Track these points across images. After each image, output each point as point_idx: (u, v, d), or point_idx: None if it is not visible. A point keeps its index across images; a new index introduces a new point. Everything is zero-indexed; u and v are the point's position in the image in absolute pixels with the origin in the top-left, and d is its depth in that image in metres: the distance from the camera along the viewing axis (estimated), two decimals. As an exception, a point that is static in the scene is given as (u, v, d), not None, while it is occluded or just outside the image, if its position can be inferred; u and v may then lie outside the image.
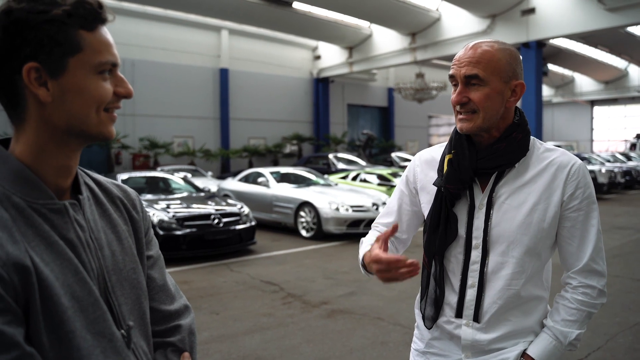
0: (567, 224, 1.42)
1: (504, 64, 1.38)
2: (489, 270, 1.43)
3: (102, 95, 0.92)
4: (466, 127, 1.40)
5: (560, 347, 1.40)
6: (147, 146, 19.55)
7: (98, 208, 1.03)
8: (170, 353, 1.10)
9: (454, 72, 1.40)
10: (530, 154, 1.45)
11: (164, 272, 1.18)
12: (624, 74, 33.36)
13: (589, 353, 4.06)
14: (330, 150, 23.42)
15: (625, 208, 13.91)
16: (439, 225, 1.47)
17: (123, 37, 18.77)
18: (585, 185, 1.42)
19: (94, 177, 1.09)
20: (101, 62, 0.91)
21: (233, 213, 8.28)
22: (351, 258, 7.88)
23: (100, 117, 0.93)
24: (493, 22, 17.98)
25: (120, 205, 1.10)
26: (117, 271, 1.00)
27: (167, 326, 1.12)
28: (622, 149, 33.23)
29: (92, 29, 0.91)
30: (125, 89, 0.96)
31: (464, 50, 1.41)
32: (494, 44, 1.40)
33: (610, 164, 20.38)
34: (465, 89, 1.38)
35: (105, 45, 0.93)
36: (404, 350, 4.16)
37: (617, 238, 9.14)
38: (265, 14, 18.92)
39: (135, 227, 1.11)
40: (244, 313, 5.18)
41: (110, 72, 0.94)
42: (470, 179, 1.43)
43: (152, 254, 1.16)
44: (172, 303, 1.15)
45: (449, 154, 1.47)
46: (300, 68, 25.39)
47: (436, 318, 1.50)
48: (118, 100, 0.96)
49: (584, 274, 1.42)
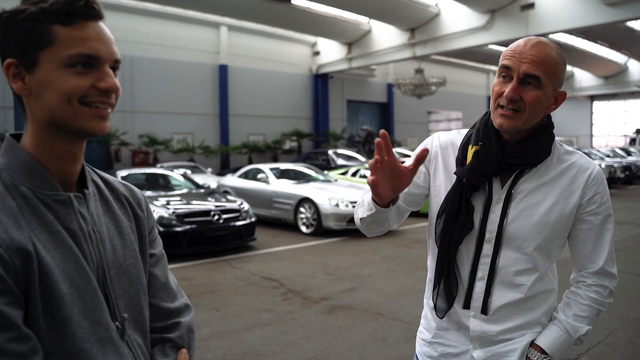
0: (584, 226, 1.44)
1: (560, 72, 1.36)
2: (499, 265, 1.43)
3: (69, 88, 0.92)
4: (507, 125, 1.37)
5: (569, 341, 1.42)
6: (146, 143, 19.56)
7: (103, 204, 1.07)
8: (168, 349, 1.11)
9: (513, 64, 1.33)
10: (552, 155, 1.45)
11: (167, 270, 1.20)
12: (624, 68, 33.33)
13: (589, 347, 4.07)
14: (329, 147, 23.39)
15: (625, 203, 13.92)
16: (459, 215, 1.44)
17: (122, 34, 18.74)
18: (604, 191, 1.44)
19: (102, 175, 1.13)
20: (70, 55, 0.92)
21: (233, 209, 8.28)
22: (351, 254, 7.89)
23: (76, 110, 0.93)
24: (492, 17, 17.95)
25: (126, 203, 1.13)
26: (116, 265, 1.03)
27: (167, 323, 1.14)
28: (621, 144, 33.23)
29: (67, 23, 0.92)
30: (106, 82, 0.94)
31: (524, 43, 1.34)
32: (555, 46, 1.36)
33: (610, 159, 20.42)
34: (519, 87, 1.34)
35: (81, 39, 0.92)
36: (404, 346, 4.17)
37: (617, 233, 9.14)
38: (264, 10, 18.87)
39: (139, 224, 1.14)
40: (244, 309, 5.19)
41: (89, 66, 0.93)
42: (493, 173, 1.42)
43: (156, 252, 1.19)
44: (173, 301, 1.17)
45: (476, 145, 1.44)
46: (299, 64, 25.35)
47: (449, 308, 1.50)
48: (101, 95, 0.94)
49: (598, 275, 1.45)
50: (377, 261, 7.34)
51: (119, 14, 18.67)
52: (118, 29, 18.76)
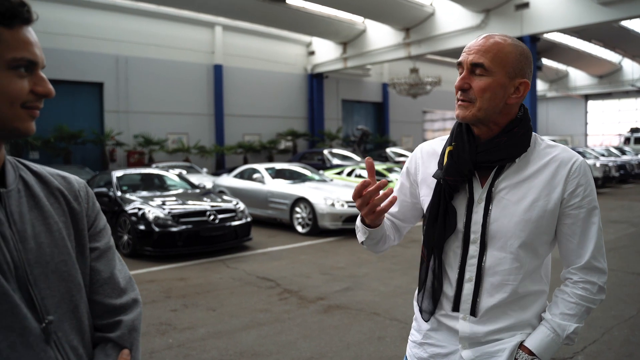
0: (568, 221, 1.42)
1: (512, 59, 1.37)
2: (486, 265, 1.43)
3: (13, 91, 0.93)
4: (462, 114, 1.40)
5: (557, 340, 1.40)
6: (141, 143, 19.48)
7: (29, 200, 1.03)
8: (109, 349, 1.09)
9: (462, 58, 1.40)
10: (532, 150, 1.44)
11: (113, 264, 1.15)
12: (618, 68, 33.48)
13: (585, 346, 4.08)
14: (325, 146, 23.43)
15: (620, 202, 13.98)
16: (438, 217, 1.46)
17: (116, 34, 18.68)
18: (587, 183, 1.41)
19: (33, 168, 1.10)
20: (15, 58, 0.92)
21: (228, 209, 8.26)
22: (347, 254, 7.89)
23: (16, 113, 0.94)
24: (487, 16, 18.00)
25: (60, 197, 1.09)
26: (42, 264, 0.99)
27: (109, 321, 1.11)
28: (616, 143, 33.38)
29: (10, 26, 0.92)
30: (44, 87, 0.97)
31: (476, 39, 1.41)
32: (507, 38, 1.39)
33: (605, 158, 20.47)
34: (468, 76, 1.38)
35: (23, 43, 0.94)
36: (400, 345, 4.17)
37: (611, 232, 9.18)
38: (259, 10, 18.87)
39: (75, 218, 1.10)
40: (241, 309, 5.18)
41: (28, 70, 0.95)
42: (469, 171, 1.43)
43: (99, 245, 1.14)
44: (119, 297, 1.13)
45: (450, 145, 1.47)
46: (294, 64, 25.35)
47: (433, 311, 1.51)
48: (38, 99, 0.97)
49: (585, 270, 1.42)
50: (373, 261, 7.34)
51: (114, 13, 18.55)
52: (113, 29, 18.73)
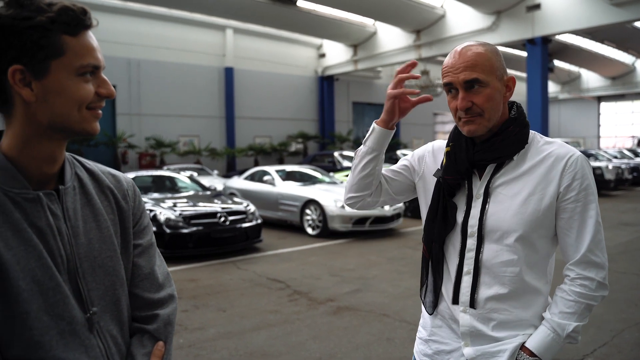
0: (565, 215, 1.43)
1: (494, 62, 1.41)
2: (483, 258, 1.46)
3: (82, 96, 0.99)
4: (474, 129, 1.43)
5: (558, 340, 1.40)
6: (153, 145, 19.61)
7: (83, 197, 1.10)
8: (146, 340, 1.15)
9: (451, 79, 1.41)
10: (529, 147, 1.47)
11: (154, 260, 1.22)
12: (631, 69, 33.08)
13: (595, 349, 4.06)
14: (335, 148, 23.40)
15: (633, 204, 13.84)
16: (437, 214, 1.52)
17: (128, 37, 18.84)
18: (583, 177, 1.41)
19: (87, 166, 1.16)
20: (82, 65, 0.98)
21: (239, 211, 8.31)
22: (357, 256, 7.90)
23: (83, 115, 1.01)
24: (498, 18, 17.91)
25: (110, 195, 1.16)
26: (90, 258, 1.06)
27: (147, 314, 1.17)
28: (629, 145, 33.02)
29: (75, 34, 0.98)
30: (107, 89, 1.04)
31: (453, 56, 1.42)
32: (479, 45, 1.42)
33: (618, 160, 20.25)
34: (467, 94, 1.40)
35: (88, 49, 1.00)
36: (409, 347, 4.18)
37: (623, 234, 9.11)
38: (269, 13, 18.92)
39: (122, 216, 1.16)
40: (251, 310, 5.22)
41: (92, 74, 1.01)
42: (467, 170, 1.48)
43: (142, 242, 1.20)
44: (157, 292, 1.19)
45: (447, 146, 1.54)
46: (305, 66, 25.38)
47: (436, 303, 1.55)
48: (101, 100, 1.04)
49: (581, 265, 1.42)
50: (382, 263, 7.35)
51: (126, 17, 18.72)
52: (125, 33, 18.88)
